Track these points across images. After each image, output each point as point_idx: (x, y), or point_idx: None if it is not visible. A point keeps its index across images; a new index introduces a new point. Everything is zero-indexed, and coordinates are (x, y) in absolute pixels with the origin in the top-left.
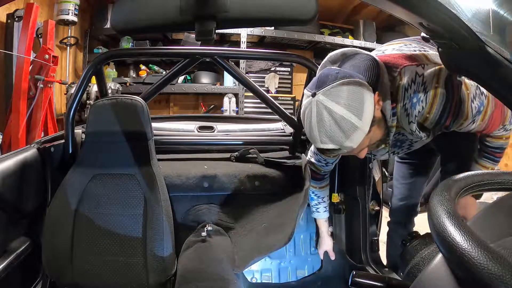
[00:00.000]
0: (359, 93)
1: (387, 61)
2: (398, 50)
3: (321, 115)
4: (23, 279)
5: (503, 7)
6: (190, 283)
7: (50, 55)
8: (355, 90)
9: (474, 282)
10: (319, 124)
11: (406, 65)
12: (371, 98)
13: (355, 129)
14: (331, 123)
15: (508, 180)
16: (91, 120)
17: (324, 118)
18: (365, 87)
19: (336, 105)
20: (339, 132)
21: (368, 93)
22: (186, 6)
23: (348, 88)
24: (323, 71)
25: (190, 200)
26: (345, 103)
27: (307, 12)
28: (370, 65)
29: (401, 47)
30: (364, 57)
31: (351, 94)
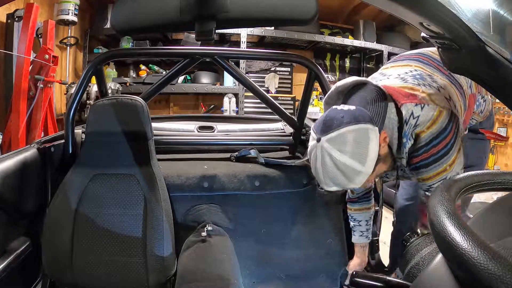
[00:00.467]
0: (364, 139)
1: (389, 93)
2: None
3: (324, 161)
4: (23, 279)
5: (503, 7)
6: (190, 283)
7: (50, 55)
8: (359, 136)
9: (474, 282)
10: (323, 168)
11: (404, 103)
12: (377, 139)
13: (358, 174)
14: (334, 169)
15: (508, 180)
16: (91, 120)
17: (327, 164)
18: (370, 130)
19: (339, 153)
20: (342, 177)
21: (374, 134)
22: (186, 6)
23: (352, 135)
24: (329, 114)
25: (190, 200)
26: (348, 150)
27: (307, 12)
28: (377, 99)
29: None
30: (371, 89)
31: (355, 141)
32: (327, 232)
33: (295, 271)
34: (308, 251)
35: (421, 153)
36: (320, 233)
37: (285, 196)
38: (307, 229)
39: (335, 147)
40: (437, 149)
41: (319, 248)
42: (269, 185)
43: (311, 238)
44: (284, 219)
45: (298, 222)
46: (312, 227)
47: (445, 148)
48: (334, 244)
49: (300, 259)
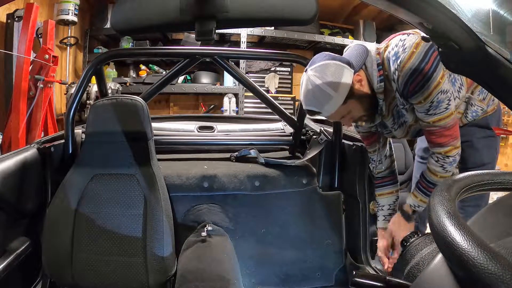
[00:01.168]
0: (338, 72)
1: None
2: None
3: (307, 85)
4: (23, 279)
5: (503, 7)
6: (190, 283)
7: (50, 55)
8: (335, 70)
9: (474, 282)
10: (305, 92)
11: (394, 36)
12: (350, 77)
13: (330, 98)
14: (312, 91)
15: (508, 180)
16: (91, 120)
17: (308, 87)
18: (345, 68)
19: (317, 79)
20: (315, 100)
21: (348, 71)
22: (186, 6)
23: (329, 67)
24: (318, 54)
25: (190, 200)
26: (324, 78)
27: (307, 12)
28: (360, 52)
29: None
30: (357, 47)
31: (331, 72)
32: (327, 232)
33: (294, 271)
34: (307, 252)
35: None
36: (319, 233)
37: (285, 196)
38: (307, 230)
39: (315, 75)
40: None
41: (318, 249)
42: (269, 185)
43: (311, 238)
44: (284, 219)
45: (298, 222)
46: (312, 228)
47: (431, 69)
48: (333, 245)
49: (299, 259)
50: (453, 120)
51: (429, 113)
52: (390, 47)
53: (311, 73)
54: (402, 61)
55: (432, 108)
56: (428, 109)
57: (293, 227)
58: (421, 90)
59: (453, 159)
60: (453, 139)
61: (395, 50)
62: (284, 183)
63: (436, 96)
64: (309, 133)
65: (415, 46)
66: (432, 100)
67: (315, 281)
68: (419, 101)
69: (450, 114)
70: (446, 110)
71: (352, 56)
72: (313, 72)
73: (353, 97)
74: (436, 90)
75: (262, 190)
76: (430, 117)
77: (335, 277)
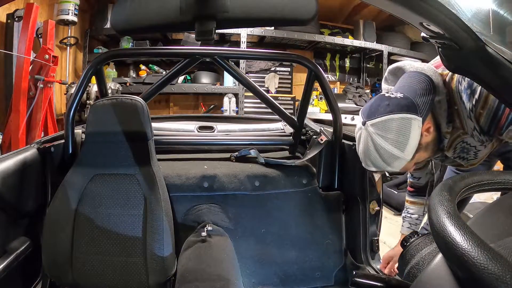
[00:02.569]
0: (406, 128)
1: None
2: None
3: (367, 143)
4: (23, 279)
5: (503, 7)
6: (190, 283)
7: (50, 55)
8: (401, 125)
9: (474, 282)
10: (365, 150)
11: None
12: (419, 129)
13: (396, 159)
14: (374, 152)
15: (508, 180)
16: (91, 120)
17: (369, 147)
18: (413, 120)
19: (380, 138)
20: (381, 161)
21: (416, 124)
22: (186, 6)
23: (395, 123)
24: (375, 101)
25: (190, 200)
26: (389, 137)
27: (307, 12)
28: (426, 89)
29: None
30: (420, 79)
31: (397, 129)
32: (326, 232)
33: (294, 271)
34: (307, 251)
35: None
36: (319, 233)
37: (285, 196)
38: (307, 229)
39: (378, 132)
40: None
41: (318, 249)
42: (269, 185)
43: (311, 238)
44: (284, 219)
45: (298, 222)
46: (312, 227)
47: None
48: (332, 245)
49: (299, 259)
50: None
51: None
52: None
53: (372, 130)
54: (481, 96)
55: None
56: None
57: (293, 227)
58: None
59: None
60: None
61: (468, 80)
62: (284, 183)
63: None
64: (309, 133)
65: None
66: None
67: (315, 281)
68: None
69: None
70: None
71: (416, 95)
72: (374, 129)
73: (421, 148)
74: None
75: (262, 190)
76: None
77: (335, 277)
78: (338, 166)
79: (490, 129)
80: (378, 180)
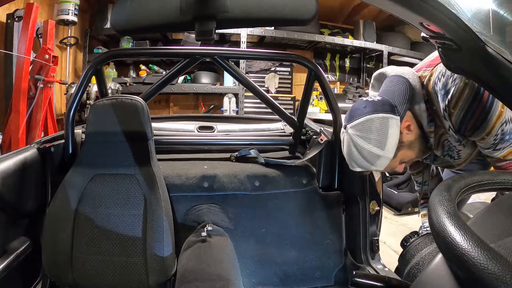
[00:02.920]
0: (383, 127)
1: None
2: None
3: (349, 146)
4: (23, 279)
5: (503, 7)
6: (190, 283)
7: (50, 55)
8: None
9: (474, 282)
10: (349, 152)
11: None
12: (397, 127)
13: (378, 158)
14: (357, 153)
15: (508, 180)
16: (91, 120)
17: (352, 148)
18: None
19: (360, 139)
20: (364, 161)
21: (394, 123)
22: (186, 6)
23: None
24: (355, 105)
25: (190, 200)
26: (368, 137)
27: (307, 12)
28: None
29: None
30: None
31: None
32: (326, 232)
33: (294, 271)
34: (307, 251)
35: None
36: (319, 233)
37: (285, 196)
38: (307, 229)
39: (358, 134)
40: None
41: (318, 249)
42: (269, 185)
43: (310, 238)
44: (284, 219)
45: (298, 222)
46: (312, 228)
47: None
48: (332, 245)
49: (299, 258)
50: None
51: (497, 148)
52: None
53: (352, 132)
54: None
55: (499, 142)
56: (495, 144)
57: (293, 227)
58: (482, 126)
59: None
60: None
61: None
62: (284, 183)
63: (500, 128)
64: (309, 133)
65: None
66: (496, 133)
67: (315, 281)
68: (482, 138)
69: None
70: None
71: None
72: (354, 131)
73: (403, 146)
74: (499, 121)
75: (262, 190)
76: (498, 152)
77: (335, 277)
78: (338, 166)
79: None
80: (378, 180)
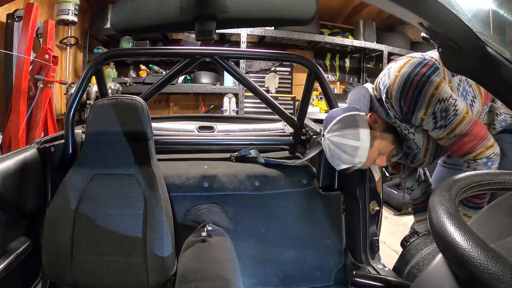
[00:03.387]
0: (352, 121)
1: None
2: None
3: (330, 147)
4: (23, 279)
5: (503, 7)
6: (190, 283)
7: (50, 55)
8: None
9: (474, 282)
10: (331, 153)
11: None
12: (364, 120)
13: (357, 149)
14: (338, 150)
15: (508, 180)
16: (91, 120)
17: (331, 148)
18: (356, 114)
19: (337, 137)
20: (346, 155)
21: (360, 117)
22: (186, 6)
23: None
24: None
25: (190, 200)
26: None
27: (307, 12)
28: (362, 94)
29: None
30: (357, 90)
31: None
32: (326, 232)
33: (294, 271)
34: (306, 251)
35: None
36: (319, 233)
37: (285, 196)
38: (307, 230)
39: (334, 134)
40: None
41: (318, 249)
42: (269, 185)
43: (310, 238)
44: (284, 219)
45: (298, 222)
46: (312, 228)
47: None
48: (332, 245)
49: (299, 259)
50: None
51: (438, 126)
52: (379, 77)
53: (329, 135)
54: (389, 88)
55: (438, 120)
56: (435, 122)
57: (293, 227)
58: (416, 106)
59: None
60: (480, 140)
61: (383, 80)
62: (284, 183)
63: (435, 107)
64: (309, 133)
65: (398, 70)
66: (433, 111)
67: (315, 281)
68: (421, 119)
69: (462, 118)
70: (455, 116)
71: (356, 101)
72: (331, 133)
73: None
74: (433, 101)
75: (262, 190)
76: (441, 130)
77: (335, 277)
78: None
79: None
80: (378, 180)
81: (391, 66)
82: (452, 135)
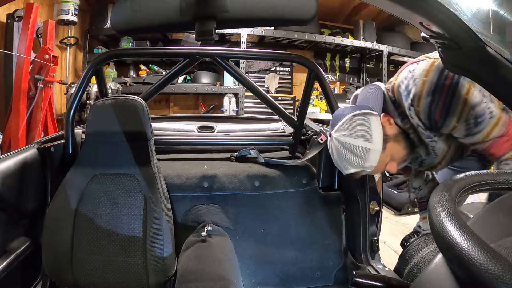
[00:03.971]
0: (365, 121)
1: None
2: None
3: (338, 149)
4: (23, 279)
5: (503, 7)
6: (190, 283)
7: (50, 55)
8: (360, 120)
9: (474, 282)
10: (339, 155)
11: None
12: (377, 120)
13: (368, 151)
14: (346, 152)
15: (508, 180)
16: (91, 120)
17: (340, 150)
18: (369, 113)
19: (347, 137)
20: (355, 157)
21: (373, 117)
22: (186, 6)
23: (355, 120)
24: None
25: (190, 200)
26: (353, 133)
27: (307, 12)
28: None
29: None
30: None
31: (358, 124)
32: (326, 232)
33: (294, 271)
34: (306, 251)
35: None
36: (319, 233)
37: (285, 196)
38: (307, 230)
39: (343, 134)
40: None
41: (318, 249)
42: (269, 185)
43: (311, 238)
44: (284, 219)
45: (298, 222)
46: (312, 228)
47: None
48: (332, 245)
49: (299, 259)
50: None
51: (473, 132)
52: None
53: (337, 135)
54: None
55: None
56: (469, 129)
57: (293, 227)
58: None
59: None
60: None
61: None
62: (284, 183)
63: (469, 114)
64: (309, 133)
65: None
66: (466, 119)
67: (315, 280)
68: (453, 127)
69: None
70: (491, 119)
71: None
72: (339, 133)
73: (389, 139)
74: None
75: (262, 190)
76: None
77: (335, 277)
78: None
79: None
80: (378, 180)
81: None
82: (488, 139)
